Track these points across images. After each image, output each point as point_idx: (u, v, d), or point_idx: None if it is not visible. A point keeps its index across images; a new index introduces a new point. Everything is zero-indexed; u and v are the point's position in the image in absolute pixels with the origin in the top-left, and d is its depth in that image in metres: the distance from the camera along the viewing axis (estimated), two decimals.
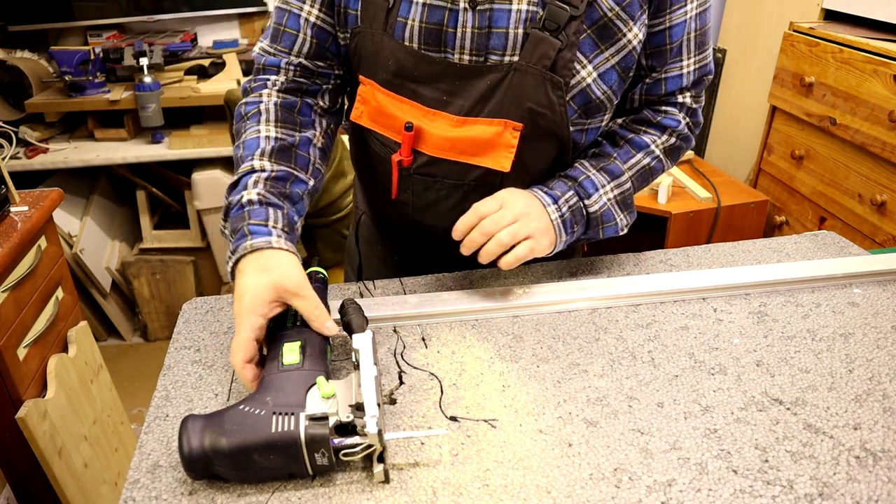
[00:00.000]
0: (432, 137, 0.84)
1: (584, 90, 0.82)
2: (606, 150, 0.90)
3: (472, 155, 0.84)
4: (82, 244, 2.32)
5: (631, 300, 0.90)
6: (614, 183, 0.88)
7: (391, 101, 0.85)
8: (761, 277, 0.93)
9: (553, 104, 0.81)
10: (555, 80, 0.79)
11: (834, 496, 0.61)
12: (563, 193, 0.85)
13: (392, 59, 0.82)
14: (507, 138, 0.82)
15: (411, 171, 0.89)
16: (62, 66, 2.23)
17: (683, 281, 0.92)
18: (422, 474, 0.64)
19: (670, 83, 0.89)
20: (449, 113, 0.83)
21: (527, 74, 0.79)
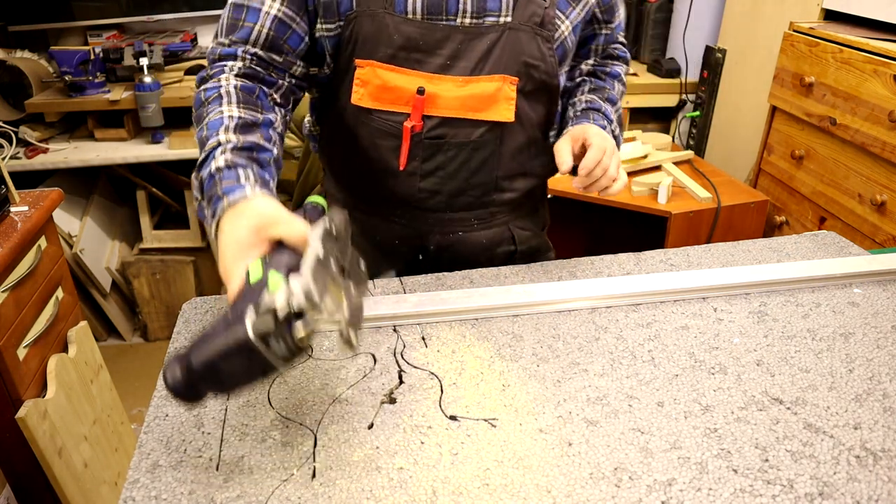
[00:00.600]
0: (441, 99, 0.90)
1: (563, 42, 0.95)
2: (599, 84, 1.08)
3: (478, 111, 0.92)
4: (82, 244, 2.32)
5: (631, 300, 0.90)
6: (615, 109, 1.06)
7: (395, 74, 0.89)
8: (761, 277, 0.93)
9: (545, 56, 0.93)
10: (545, 35, 0.92)
11: (834, 496, 0.60)
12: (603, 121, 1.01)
13: (397, 33, 0.87)
14: (506, 92, 0.91)
15: (422, 137, 0.93)
16: (62, 66, 2.23)
17: (683, 281, 0.92)
18: (422, 474, 0.64)
19: (618, 28, 1.08)
20: (453, 76, 0.90)
21: (520, 32, 0.90)
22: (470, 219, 1.02)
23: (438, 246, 1.03)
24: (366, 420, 0.71)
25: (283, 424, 0.71)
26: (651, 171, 2.11)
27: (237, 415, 0.72)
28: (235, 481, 0.63)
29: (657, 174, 2.07)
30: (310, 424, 0.70)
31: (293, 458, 0.66)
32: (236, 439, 0.69)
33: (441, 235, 1.02)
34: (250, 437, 0.69)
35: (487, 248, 1.05)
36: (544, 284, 0.92)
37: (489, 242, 1.04)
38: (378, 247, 1.05)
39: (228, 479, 0.64)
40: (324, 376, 0.78)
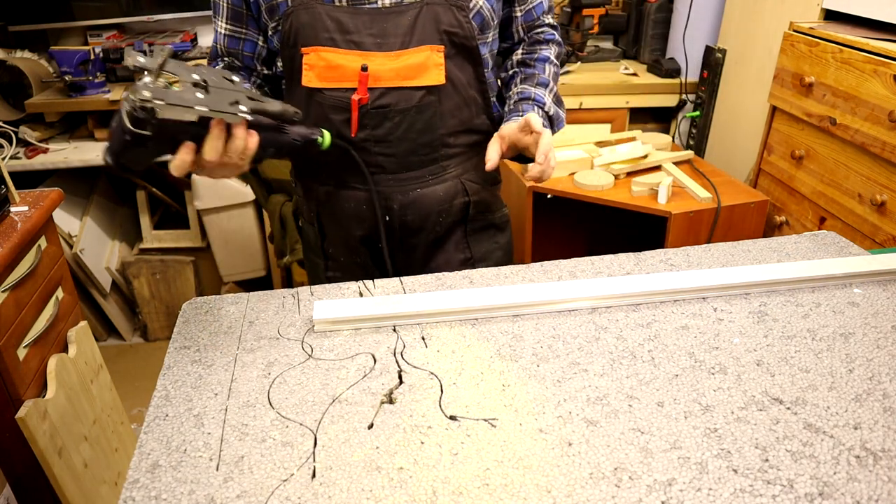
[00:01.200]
0: (379, 72, 1.03)
1: (479, 11, 1.05)
2: (528, 72, 1.18)
3: (412, 78, 1.04)
4: (82, 244, 2.32)
5: (631, 300, 0.90)
6: (548, 90, 1.16)
7: (337, 55, 1.02)
8: (761, 277, 0.93)
9: (461, 23, 1.04)
10: (459, 5, 1.03)
11: (834, 496, 0.60)
12: (532, 110, 1.10)
13: (329, 20, 1.01)
14: (434, 59, 1.04)
15: (368, 108, 1.05)
16: (62, 66, 2.23)
17: (683, 281, 0.92)
18: (422, 474, 0.64)
19: (537, 9, 1.18)
20: (385, 51, 1.02)
21: (436, 6, 1.02)
22: (425, 175, 1.13)
23: (401, 204, 1.13)
24: (366, 420, 0.71)
25: (283, 424, 0.71)
26: (651, 171, 2.11)
27: (237, 415, 0.72)
28: (235, 481, 0.64)
29: (657, 174, 2.07)
30: (310, 424, 0.70)
31: (293, 458, 0.66)
32: (236, 439, 0.69)
33: (402, 194, 1.13)
34: (250, 437, 0.69)
35: (444, 200, 1.15)
36: (544, 284, 0.92)
37: (445, 195, 1.15)
38: (348, 213, 1.15)
39: (228, 479, 0.64)
40: (324, 376, 0.78)
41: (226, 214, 2.44)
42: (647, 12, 2.55)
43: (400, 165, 1.11)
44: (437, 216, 1.16)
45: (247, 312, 0.91)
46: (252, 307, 0.93)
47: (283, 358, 0.81)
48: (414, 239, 1.17)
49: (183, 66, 0.77)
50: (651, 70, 2.57)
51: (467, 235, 1.21)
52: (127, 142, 0.74)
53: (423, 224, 1.15)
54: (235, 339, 0.86)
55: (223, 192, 2.38)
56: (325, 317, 0.86)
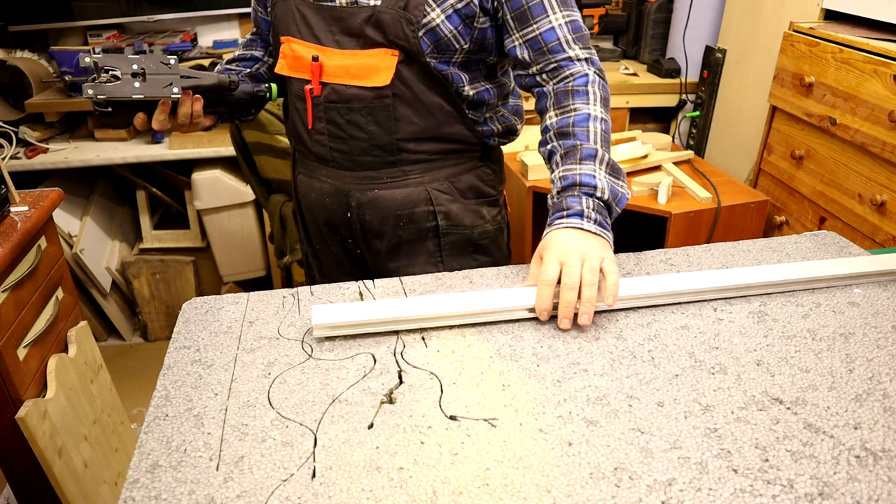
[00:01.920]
0: (331, 68, 1.06)
1: (433, 28, 1.01)
2: (569, 145, 0.98)
3: (362, 78, 1.05)
4: (82, 244, 2.32)
5: (631, 302, 0.90)
6: (598, 162, 0.95)
7: (301, 47, 1.08)
8: (762, 279, 0.92)
9: (408, 37, 1.01)
10: (408, 18, 1.00)
11: (834, 496, 0.60)
12: (581, 204, 0.91)
13: (297, 13, 1.07)
14: (387, 62, 1.04)
15: (321, 100, 1.08)
16: (62, 66, 2.24)
17: (684, 283, 0.92)
18: (422, 474, 0.64)
19: (546, 35, 1.02)
20: (342, 49, 1.05)
21: (386, 14, 1.01)
22: (382, 177, 1.13)
23: (359, 202, 1.15)
24: (366, 420, 0.71)
25: (283, 424, 0.71)
26: (651, 171, 2.11)
27: (237, 415, 0.72)
28: (235, 481, 0.64)
29: (657, 174, 2.07)
30: (310, 424, 0.70)
31: (293, 458, 0.66)
32: (236, 439, 0.69)
33: (360, 192, 1.14)
34: (250, 437, 0.69)
35: (404, 204, 1.14)
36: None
37: (405, 200, 1.14)
38: (315, 203, 1.20)
39: (228, 479, 0.64)
40: (324, 376, 0.78)
41: (226, 214, 2.44)
42: (647, 12, 2.55)
43: (354, 163, 1.12)
44: (396, 220, 1.15)
45: (247, 312, 0.91)
46: (252, 307, 0.93)
47: (283, 358, 0.81)
48: (377, 241, 1.18)
49: (123, 59, 0.96)
50: (651, 70, 2.57)
51: (441, 249, 1.18)
52: (100, 113, 0.99)
53: (381, 226, 1.16)
54: (235, 339, 0.86)
55: (223, 192, 2.38)
56: (324, 322, 0.83)
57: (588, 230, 0.89)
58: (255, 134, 1.99)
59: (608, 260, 0.86)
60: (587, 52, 1.04)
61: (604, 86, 1.03)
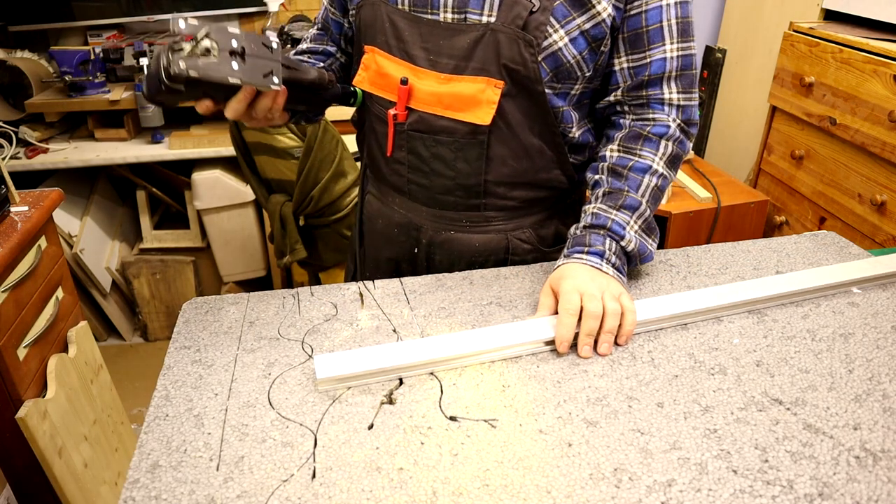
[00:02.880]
0: (421, 93, 0.93)
1: (555, 53, 0.88)
2: (616, 186, 0.93)
3: (457, 110, 0.92)
4: (82, 244, 2.32)
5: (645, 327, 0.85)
6: (636, 216, 0.92)
7: (388, 62, 0.94)
8: (766, 293, 0.89)
9: (526, 61, 0.88)
10: (527, 39, 0.87)
11: (834, 496, 0.61)
12: (604, 245, 0.89)
13: (388, 22, 0.93)
14: (489, 94, 0.90)
15: (405, 128, 0.97)
16: (62, 66, 2.23)
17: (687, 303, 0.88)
18: (422, 474, 0.64)
19: (654, 66, 0.92)
20: (436, 71, 0.92)
21: (502, 34, 0.87)
22: (462, 220, 1.03)
23: (431, 240, 1.05)
24: (366, 420, 0.71)
25: (283, 424, 0.71)
26: None
27: (237, 415, 0.72)
28: (235, 481, 0.64)
29: None
30: (310, 425, 0.70)
31: (293, 458, 0.66)
32: (236, 439, 0.69)
33: (433, 231, 1.05)
34: (250, 437, 0.69)
35: (480, 252, 1.04)
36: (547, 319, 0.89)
37: (482, 247, 1.04)
38: (380, 231, 1.10)
39: (228, 479, 0.64)
40: None
41: (226, 214, 2.44)
42: None
43: (433, 201, 1.02)
44: (467, 265, 1.05)
45: (247, 312, 0.91)
46: (252, 307, 0.93)
47: (284, 358, 0.81)
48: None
49: (224, 32, 0.79)
50: None
51: None
52: (162, 88, 0.78)
53: (450, 268, 1.05)
54: (235, 339, 0.86)
55: (223, 192, 2.38)
56: (328, 375, 0.75)
57: (605, 272, 0.86)
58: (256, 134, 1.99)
59: (625, 296, 0.84)
60: (686, 97, 0.95)
61: (682, 142, 0.96)
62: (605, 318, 0.81)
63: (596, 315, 0.80)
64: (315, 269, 2.44)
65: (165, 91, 0.78)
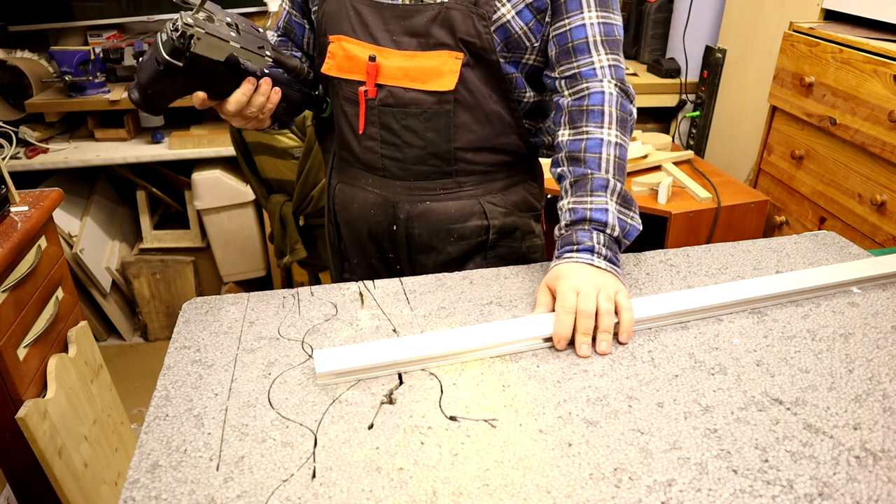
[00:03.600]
0: (389, 69, 0.99)
1: (504, 25, 0.96)
2: (579, 173, 0.93)
3: (423, 81, 0.99)
4: (82, 244, 2.32)
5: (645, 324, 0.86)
6: (609, 195, 0.91)
7: (355, 46, 1.01)
8: (765, 291, 0.89)
9: (480, 34, 0.96)
10: (479, 13, 0.95)
11: (834, 496, 0.61)
12: (591, 239, 0.89)
13: (352, 10, 1.00)
14: (451, 65, 0.98)
15: (376, 103, 1.02)
16: (62, 66, 2.23)
17: (687, 301, 0.88)
18: (422, 474, 0.64)
19: (575, 32, 0.97)
20: (401, 50, 0.99)
21: (456, 10, 0.95)
22: (435, 188, 1.07)
23: (408, 214, 1.08)
24: (366, 420, 0.71)
25: (283, 424, 0.71)
26: (651, 171, 2.11)
27: (237, 415, 0.72)
28: (235, 481, 0.64)
29: (657, 174, 2.07)
30: (310, 424, 0.70)
31: (293, 458, 0.66)
32: (236, 439, 0.69)
33: (409, 204, 1.08)
34: (250, 437, 0.69)
35: (456, 218, 1.08)
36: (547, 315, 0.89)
37: (458, 213, 1.08)
38: (357, 215, 1.13)
39: (228, 479, 0.64)
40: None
41: (226, 214, 2.44)
42: (647, 12, 2.55)
43: (407, 172, 1.06)
44: (446, 234, 1.09)
45: (247, 312, 0.91)
46: (252, 307, 0.93)
47: (283, 358, 0.81)
48: (422, 256, 1.11)
49: (219, 8, 0.85)
50: (651, 70, 2.57)
51: (488, 264, 1.11)
52: (158, 73, 0.81)
53: (431, 241, 1.09)
54: (235, 339, 0.86)
55: (223, 192, 2.38)
56: (329, 369, 0.76)
57: (599, 266, 0.87)
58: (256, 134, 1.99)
59: (622, 294, 0.84)
60: (614, 57, 0.98)
61: (623, 104, 0.97)
62: (600, 317, 0.82)
63: (589, 314, 0.81)
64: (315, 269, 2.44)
65: (162, 73, 0.80)
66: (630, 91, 0.99)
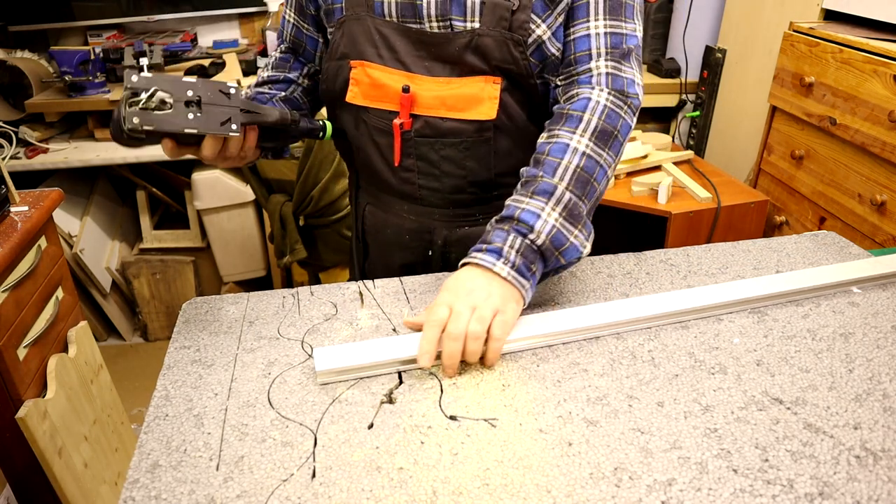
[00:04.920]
0: (424, 98, 0.93)
1: (540, 46, 0.90)
2: (532, 173, 0.85)
3: (461, 110, 0.93)
4: (82, 244, 2.32)
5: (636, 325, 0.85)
6: (552, 202, 0.82)
7: (383, 73, 0.94)
8: (765, 291, 0.89)
9: (517, 60, 0.90)
10: (515, 39, 0.89)
11: (834, 496, 0.60)
12: (503, 241, 0.81)
13: (378, 34, 0.93)
14: (489, 91, 0.92)
15: (412, 135, 0.96)
16: (62, 66, 2.23)
17: (686, 301, 0.88)
18: (422, 474, 0.64)
19: (578, 43, 0.90)
20: (434, 76, 0.93)
21: (488, 37, 0.89)
22: (474, 213, 1.04)
23: (446, 241, 1.05)
24: (366, 420, 0.71)
25: (283, 424, 0.71)
26: (651, 171, 2.11)
27: (237, 415, 0.72)
28: (235, 481, 0.64)
29: (657, 174, 2.07)
30: (310, 424, 0.70)
31: (293, 458, 0.66)
32: (236, 439, 0.69)
33: (447, 230, 1.04)
34: (250, 437, 0.69)
35: None
36: (560, 312, 0.90)
37: None
38: (391, 241, 1.09)
39: (228, 479, 0.64)
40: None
41: (226, 214, 2.44)
42: (647, 12, 2.55)
43: (446, 201, 1.01)
44: None
45: (247, 312, 0.91)
46: (252, 307, 0.93)
47: (283, 358, 0.81)
48: None
49: (178, 83, 0.80)
50: (651, 70, 2.57)
51: None
52: (123, 136, 0.81)
53: None
54: (235, 339, 0.86)
55: (223, 192, 2.38)
56: (329, 367, 0.76)
57: (498, 273, 0.78)
58: None
59: (501, 317, 0.76)
60: (615, 67, 0.88)
61: (610, 113, 0.86)
62: (467, 342, 0.75)
63: (456, 336, 0.74)
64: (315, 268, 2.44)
65: (128, 139, 0.82)
66: (630, 103, 0.88)
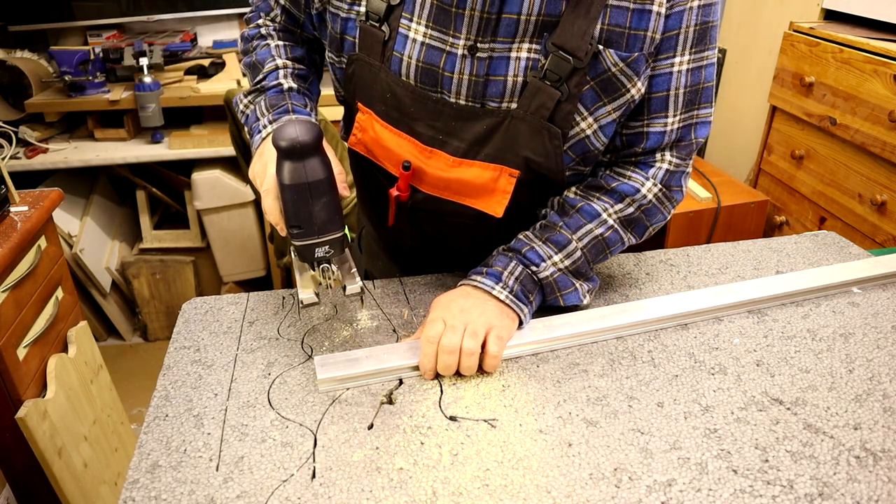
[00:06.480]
0: (428, 176, 0.83)
1: (582, 140, 0.79)
2: (553, 220, 0.84)
3: (466, 196, 0.83)
4: (82, 244, 2.32)
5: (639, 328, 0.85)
6: (562, 254, 0.82)
7: (389, 134, 0.84)
8: (768, 292, 0.89)
9: (549, 153, 0.79)
10: (552, 131, 0.77)
11: (834, 496, 0.60)
12: (504, 267, 0.81)
13: (389, 92, 0.81)
14: (503, 184, 0.81)
15: (409, 205, 0.89)
16: (62, 66, 2.23)
17: (688, 303, 0.88)
18: (422, 474, 0.64)
19: (652, 139, 0.81)
20: (445, 152, 0.81)
21: (523, 123, 0.77)
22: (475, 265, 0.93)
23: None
24: (366, 420, 0.71)
25: (283, 424, 0.71)
26: None
27: (237, 415, 0.72)
28: (235, 481, 0.64)
29: None
30: (310, 424, 0.70)
31: (293, 458, 0.66)
32: (236, 439, 0.69)
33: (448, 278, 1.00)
34: (250, 437, 0.69)
35: None
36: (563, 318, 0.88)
37: None
38: (386, 270, 1.07)
39: (228, 479, 0.64)
40: None
41: (226, 214, 2.44)
42: None
43: (442, 266, 0.98)
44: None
45: (247, 312, 0.91)
46: (252, 307, 0.93)
47: (283, 358, 0.81)
48: None
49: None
50: None
51: None
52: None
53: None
54: (235, 339, 0.86)
55: (223, 193, 2.38)
56: (330, 375, 0.76)
57: (496, 297, 0.79)
58: None
59: (496, 332, 0.76)
60: (678, 162, 0.83)
61: (650, 211, 0.84)
62: (461, 357, 0.75)
63: (451, 349, 0.74)
64: None
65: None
66: (674, 198, 0.85)
